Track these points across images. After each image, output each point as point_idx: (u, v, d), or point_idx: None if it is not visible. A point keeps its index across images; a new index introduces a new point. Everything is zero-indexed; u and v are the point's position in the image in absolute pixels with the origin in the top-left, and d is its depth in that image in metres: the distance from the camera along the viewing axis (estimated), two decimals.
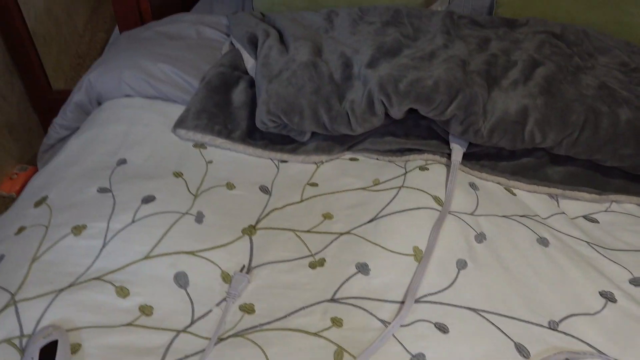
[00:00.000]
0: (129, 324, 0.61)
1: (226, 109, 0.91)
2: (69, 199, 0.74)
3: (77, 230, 0.69)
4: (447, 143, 0.89)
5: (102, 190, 0.75)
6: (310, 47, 0.95)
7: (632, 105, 0.85)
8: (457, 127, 0.83)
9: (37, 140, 1.35)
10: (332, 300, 0.67)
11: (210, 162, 0.85)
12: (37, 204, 0.74)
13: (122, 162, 0.82)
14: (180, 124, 0.89)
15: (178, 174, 0.81)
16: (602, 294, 0.70)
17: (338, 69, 0.92)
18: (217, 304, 0.65)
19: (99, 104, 1.00)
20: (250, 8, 1.36)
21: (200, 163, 0.85)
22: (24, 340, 0.57)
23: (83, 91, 0.99)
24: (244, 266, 0.69)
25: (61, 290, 0.62)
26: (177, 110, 0.93)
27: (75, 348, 0.57)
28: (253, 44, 1.02)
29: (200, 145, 0.88)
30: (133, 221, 0.71)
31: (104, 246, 0.68)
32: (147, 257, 0.67)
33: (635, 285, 0.72)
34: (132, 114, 0.93)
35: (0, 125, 1.27)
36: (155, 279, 0.66)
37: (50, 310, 0.60)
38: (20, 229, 0.70)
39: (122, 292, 0.64)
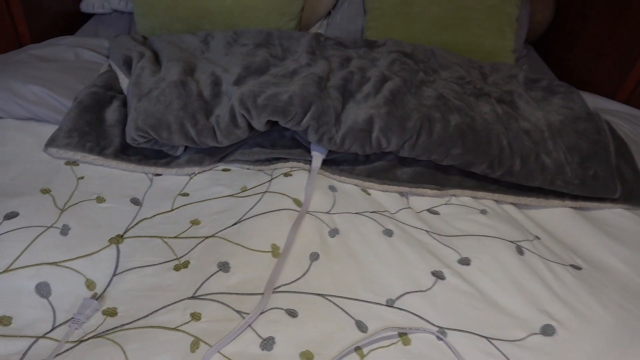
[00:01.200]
0: None
1: (99, 127, 0.95)
2: None
3: None
4: (310, 151, 0.98)
5: None
6: (182, 67, 1.01)
7: (462, 112, 0.99)
8: (313, 135, 0.93)
9: None
10: (193, 297, 0.72)
11: (82, 178, 0.89)
12: None
13: None
14: (51, 142, 0.91)
15: (46, 191, 0.83)
16: (434, 273, 0.81)
17: (208, 87, 0.99)
18: (78, 312, 0.69)
19: None
20: (134, 32, 1.40)
21: (70, 179, 0.88)
22: None
23: None
24: (95, 293, 0.71)
25: None
26: (50, 131, 0.96)
27: None
28: (128, 65, 1.06)
29: (72, 163, 0.91)
30: None
31: None
32: (6, 271, 0.69)
33: (462, 264, 0.84)
34: (3, 135, 0.94)
35: None
36: (15, 290, 0.68)
37: None
38: None
39: None
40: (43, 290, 0.69)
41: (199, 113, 0.92)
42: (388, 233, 0.87)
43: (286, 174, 0.95)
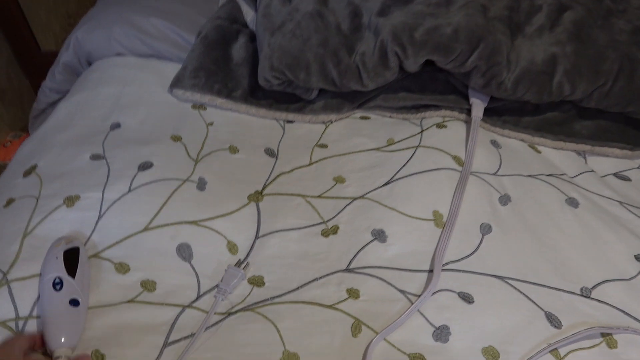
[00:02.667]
0: (131, 301, 0.57)
1: (225, 66, 0.84)
2: (60, 167, 0.68)
3: (70, 201, 0.64)
4: (467, 98, 0.82)
5: (95, 157, 0.70)
6: None
7: None
8: (478, 79, 0.76)
9: (29, 106, 1.28)
10: (347, 270, 0.62)
11: (211, 124, 0.79)
12: (26, 173, 0.69)
13: (116, 126, 0.76)
14: (176, 83, 0.82)
15: (176, 138, 0.75)
16: (638, 258, 0.65)
17: (346, 19, 0.84)
18: (216, 277, 0.61)
19: (89, 64, 0.93)
20: None
21: (200, 125, 0.79)
22: (20, 323, 0.53)
23: (71, 50, 0.92)
24: (239, 260, 0.62)
25: None
26: (172, 69, 0.86)
27: None
28: None
29: (199, 106, 0.82)
30: (129, 190, 0.65)
31: (99, 218, 0.62)
32: (146, 229, 0.62)
33: None
34: (125, 74, 0.86)
35: None
36: (156, 252, 0.61)
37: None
38: (9, 201, 0.65)
39: (122, 268, 0.59)
40: (185, 252, 0.61)
41: (341, 50, 0.77)
42: (572, 203, 0.71)
43: (439, 125, 0.80)
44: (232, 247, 0.63)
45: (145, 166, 0.69)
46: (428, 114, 0.83)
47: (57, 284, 0.53)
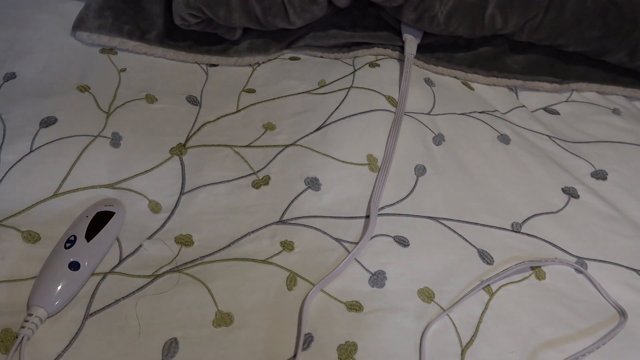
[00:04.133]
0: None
1: (137, 4, 0.75)
2: None
3: None
4: (399, 34, 0.78)
5: None
6: None
7: None
8: (410, 13, 0.72)
9: None
10: (281, 222, 0.59)
11: (123, 70, 0.71)
12: None
13: (11, 76, 0.66)
14: (79, 24, 0.72)
15: (84, 88, 0.67)
16: (565, 190, 0.67)
17: None
18: (148, 237, 0.56)
19: None
20: None
21: (110, 72, 0.70)
22: None
23: None
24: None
25: None
26: (76, 8, 0.76)
27: None
28: None
29: (108, 50, 0.73)
30: (31, 150, 0.58)
31: None
32: (55, 195, 0.56)
33: (597, 179, 0.69)
34: (18, 15, 0.75)
35: None
36: (69, 219, 0.55)
37: None
38: None
39: (31, 237, 0.53)
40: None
41: None
42: (504, 139, 0.71)
43: (372, 64, 0.76)
44: (154, 206, 0.59)
45: (48, 122, 0.61)
46: (360, 52, 0.79)
47: (69, 242, 0.50)
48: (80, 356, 0.46)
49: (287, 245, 0.57)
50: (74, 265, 0.49)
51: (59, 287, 0.48)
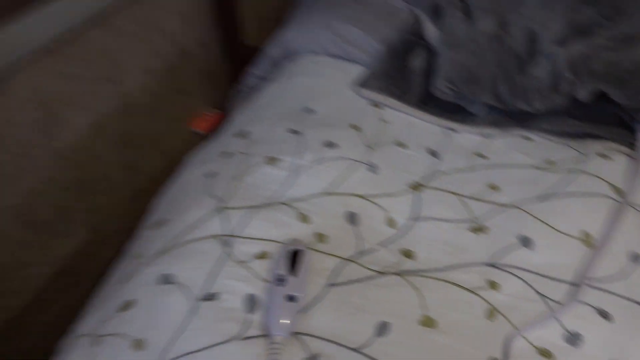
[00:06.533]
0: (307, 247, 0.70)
1: (404, 74, 0.96)
2: (266, 135, 0.86)
3: (271, 161, 0.80)
4: (633, 131, 0.83)
5: (292, 131, 0.86)
6: (495, 19, 0.94)
7: None
8: None
9: (224, 87, 1.54)
10: (491, 264, 0.69)
11: (385, 120, 0.91)
12: (240, 136, 0.87)
13: (309, 110, 0.92)
14: (363, 83, 0.96)
15: (356, 127, 0.88)
16: None
17: (523, 44, 0.90)
18: (379, 242, 0.72)
19: (289, 58, 1.12)
20: None
21: (375, 120, 0.91)
22: (225, 239, 0.69)
23: (278, 46, 1.11)
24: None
25: (257, 206, 0.74)
26: (356, 69, 1.01)
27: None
28: (436, 13, 1.04)
29: (376, 105, 0.95)
30: (316, 160, 0.80)
31: (291, 177, 0.78)
32: (325, 193, 0.76)
33: None
34: (319, 69, 1.03)
35: (200, 71, 1.48)
36: (330, 213, 0.74)
37: (249, 222, 0.72)
38: (225, 153, 0.84)
39: (304, 218, 0.73)
40: (351, 218, 0.74)
41: (514, 72, 0.85)
42: None
43: (601, 155, 0.82)
44: (390, 222, 0.74)
45: (330, 145, 0.83)
46: (590, 142, 0.85)
47: (280, 280, 0.63)
48: (322, 309, 0.62)
49: (494, 285, 0.66)
50: (292, 298, 0.62)
51: (288, 317, 0.60)
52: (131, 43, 1.16)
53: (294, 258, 0.66)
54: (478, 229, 0.74)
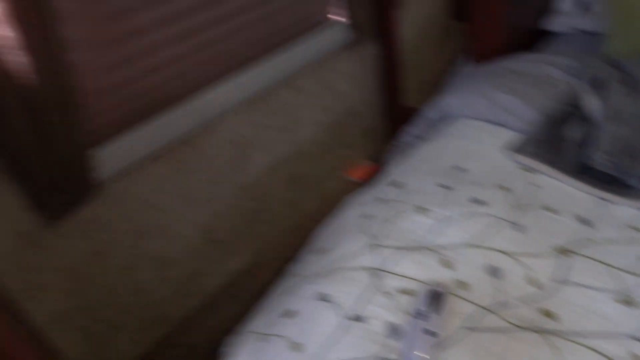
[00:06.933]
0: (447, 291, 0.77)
1: (560, 143, 0.99)
2: (418, 187, 0.96)
3: (420, 210, 0.89)
4: None
5: (443, 186, 0.94)
6: None
7: None
8: None
9: (381, 142, 1.69)
10: (638, 339, 0.68)
11: (536, 185, 0.95)
12: (394, 185, 0.99)
13: (461, 169, 1.00)
14: (518, 149, 1.01)
15: (505, 188, 0.93)
16: None
17: None
18: (518, 299, 0.75)
19: (445, 120, 1.22)
20: (599, 52, 1.37)
21: (525, 184, 0.95)
22: (374, 271, 0.79)
23: (436, 109, 1.22)
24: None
25: (404, 248, 0.83)
26: (506, 134, 1.07)
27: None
28: (595, 85, 1.06)
29: (528, 169, 0.99)
30: (463, 214, 0.87)
31: (437, 226, 0.86)
32: (469, 245, 0.82)
33: None
34: (472, 133, 1.11)
35: (363, 127, 1.65)
36: (472, 263, 0.80)
37: (398, 260, 0.81)
38: (379, 199, 0.96)
39: (447, 264, 0.80)
40: (492, 271, 0.78)
41: None
42: None
43: None
44: (532, 280, 0.77)
45: (477, 201, 0.89)
46: None
47: (421, 315, 0.71)
48: (460, 351, 0.68)
49: (637, 359, 0.65)
50: (431, 333, 0.69)
51: (425, 350, 0.67)
52: (308, 100, 1.38)
53: (436, 298, 0.73)
54: (627, 301, 0.73)
